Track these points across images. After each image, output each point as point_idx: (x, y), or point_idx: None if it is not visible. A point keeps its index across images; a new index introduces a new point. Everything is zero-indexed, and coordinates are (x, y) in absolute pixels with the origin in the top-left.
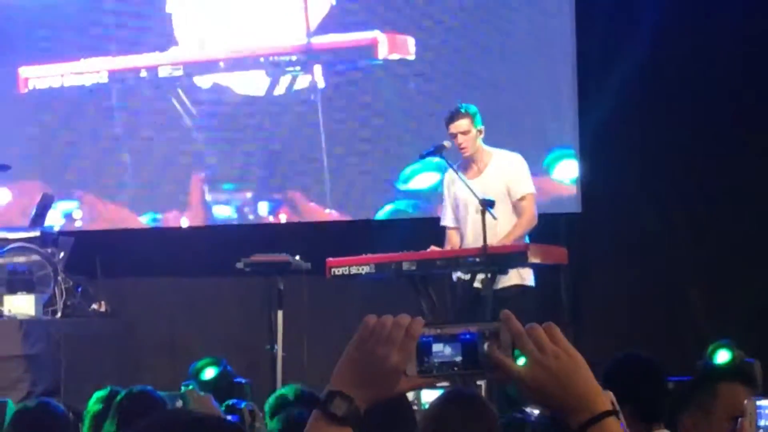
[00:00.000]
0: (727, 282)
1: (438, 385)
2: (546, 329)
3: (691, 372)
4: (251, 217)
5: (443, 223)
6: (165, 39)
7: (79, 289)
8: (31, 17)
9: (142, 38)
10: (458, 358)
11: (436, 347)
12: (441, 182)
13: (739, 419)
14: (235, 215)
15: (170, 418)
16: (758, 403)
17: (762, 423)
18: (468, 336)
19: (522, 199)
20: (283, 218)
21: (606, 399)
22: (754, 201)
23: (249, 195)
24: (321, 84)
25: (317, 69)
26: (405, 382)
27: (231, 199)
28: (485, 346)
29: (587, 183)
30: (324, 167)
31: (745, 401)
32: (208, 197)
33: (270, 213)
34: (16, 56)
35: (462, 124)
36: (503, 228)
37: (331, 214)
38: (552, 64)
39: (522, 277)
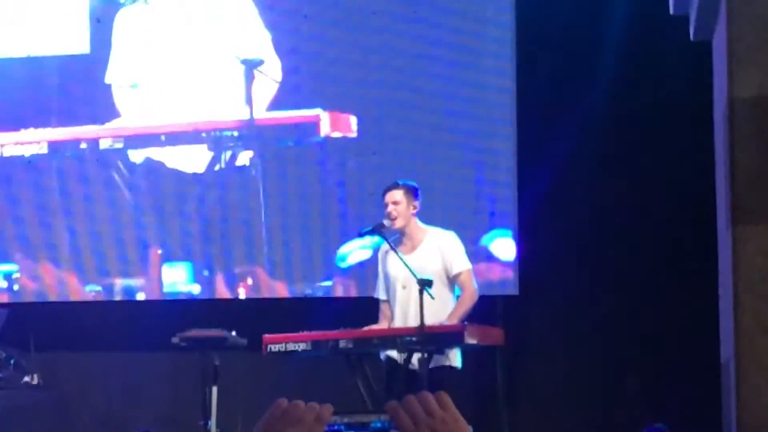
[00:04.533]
0: (664, 368)
1: None
2: (437, 397)
3: None
4: (190, 291)
5: (376, 295)
6: (107, 111)
7: (12, 362)
8: None
9: (83, 110)
10: None
11: None
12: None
13: None
14: (175, 290)
15: None
16: None
17: None
18: (379, 425)
19: (459, 275)
20: (220, 294)
21: None
22: (694, 288)
23: (188, 270)
24: (262, 160)
25: (259, 145)
26: None
27: (172, 273)
28: None
29: (525, 265)
30: (263, 243)
31: None
32: (161, 271)
33: (208, 288)
34: None
35: (395, 194)
36: (438, 306)
37: (269, 291)
38: (492, 145)
39: (450, 358)
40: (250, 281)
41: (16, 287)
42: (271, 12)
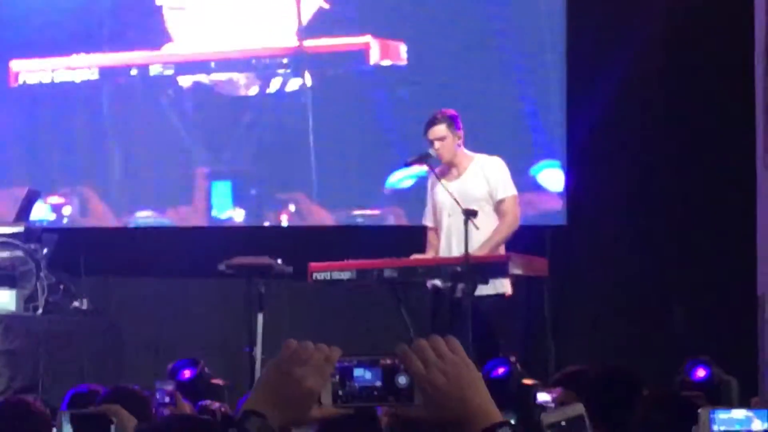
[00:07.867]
0: (710, 298)
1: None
2: (447, 341)
3: (670, 386)
4: (236, 217)
5: (424, 222)
6: (157, 36)
7: (62, 286)
8: (24, 10)
9: (134, 35)
10: (378, 383)
11: (357, 372)
12: (424, 188)
13: (693, 427)
14: (221, 216)
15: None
16: (712, 412)
17: (715, 428)
18: (389, 362)
19: (503, 201)
20: (267, 220)
21: (497, 411)
22: (742, 219)
23: (235, 196)
24: (311, 87)
25: (308, 72)
26: (317, 410)
27: (219, 199)
28: (402, 375)
29: (573, 196)
30: (312, 170)
31: (700, 409)
32: (208, 197)
33: (254, 214)
34: (7, 49)
35: (438, 130)
36: (484, 232)
37: (315, 218)
38: (541, 75)
39: (496, 287)
40: (292, 208)
41: (65, 212)
42: None
